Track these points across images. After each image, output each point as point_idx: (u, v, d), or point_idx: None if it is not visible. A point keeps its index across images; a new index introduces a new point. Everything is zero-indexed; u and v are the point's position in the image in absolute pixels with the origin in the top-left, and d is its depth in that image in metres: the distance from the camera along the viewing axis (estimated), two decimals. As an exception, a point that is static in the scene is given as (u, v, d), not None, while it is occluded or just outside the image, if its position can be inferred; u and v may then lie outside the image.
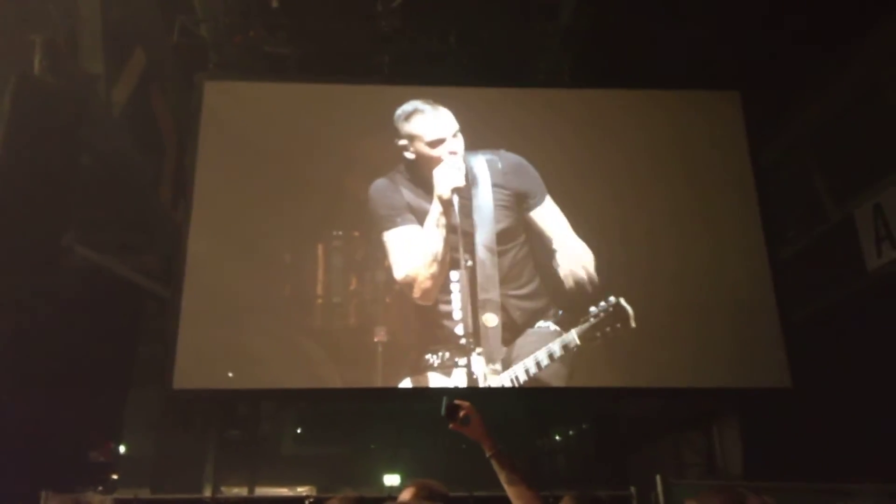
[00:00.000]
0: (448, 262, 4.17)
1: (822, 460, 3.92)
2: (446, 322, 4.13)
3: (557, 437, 6.46)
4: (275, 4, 4.44)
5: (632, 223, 4.34)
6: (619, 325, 4.03)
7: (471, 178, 4.26)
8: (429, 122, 4.28)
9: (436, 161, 4.22)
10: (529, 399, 4.66)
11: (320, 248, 4.37)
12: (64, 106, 4.52)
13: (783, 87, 4.60)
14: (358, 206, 4.37)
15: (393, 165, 4.37)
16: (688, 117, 4.57)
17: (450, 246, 4.17)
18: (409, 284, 4.18)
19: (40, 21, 4.53)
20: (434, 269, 4.17)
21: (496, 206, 4.25)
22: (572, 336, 4.06)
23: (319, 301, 4.29)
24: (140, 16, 4.71)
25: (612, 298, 4.07)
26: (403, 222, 4.23)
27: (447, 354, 4.12)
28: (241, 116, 4.56)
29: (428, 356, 4.13)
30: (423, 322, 4.16)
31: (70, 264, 4.69)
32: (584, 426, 6.17)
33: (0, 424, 3.77)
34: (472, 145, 4.34)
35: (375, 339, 4.12)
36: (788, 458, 4.19)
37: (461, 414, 2.20)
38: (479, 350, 4.09)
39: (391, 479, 5.79)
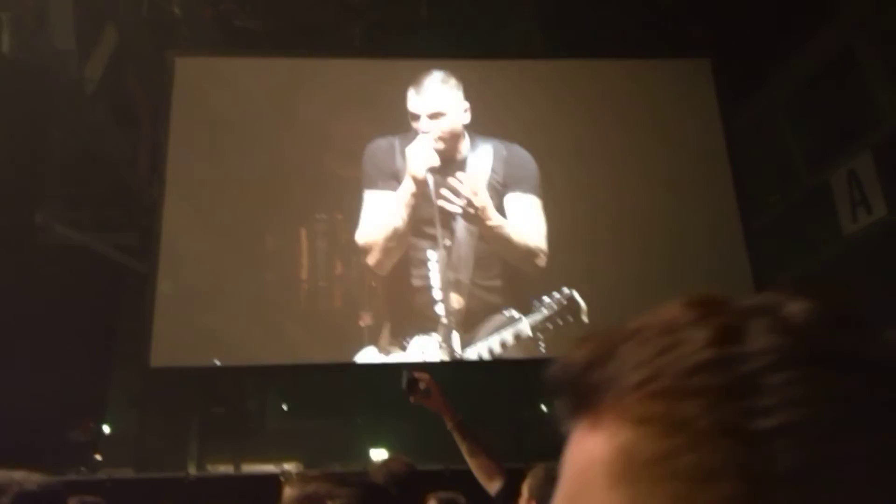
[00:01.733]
0: (408, 239, 4.14)
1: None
2: (426, 302, 4.12)
3: (544, 409, 6.49)
4: (245, -22, 4.39)
5: (602, 193, 4.34)
6: (570, 318, 4.02)
7: (471, 160, 4.22)
8: (414, 95, 4.24)
9: (415, 135, 4.19)
10: (509, 372, 4.69)
11: (300, 229, 4.35)
12: (35, 83, 4.50)
13: (754, 54, 4.58)
14: (340, 186, 4.36)
15: (370, 142, 4.35)
16: (659, 86, 4.56)
17: (420, 223, 4.14)
18: (365, 250, 4.18)
19: (7, -3, 4.48)
20: (392, 243, 4.15)
21: (487, 189, 4.20)
22: (524, 327, 4.06)
23: (304, 286, 4.30)
24: (110, -10, 4.65)
25: (565, 290, 4.06)
26: (384, 187, 4.21)
27: (422, 335, 4.11)
28: (214, 92, 4.54)
29: (412, 337, 4.11)
30: (407, 304, 4.16)
31: (47, 242, 4.70)
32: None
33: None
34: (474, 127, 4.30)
35: (361, 324, 4.12)
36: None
37: (421, 387, 2.22)
38: (454, 330, 4.08)
39: (377, 453, 5.84)
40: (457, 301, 4.09)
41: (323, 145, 4.41)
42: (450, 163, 4.20)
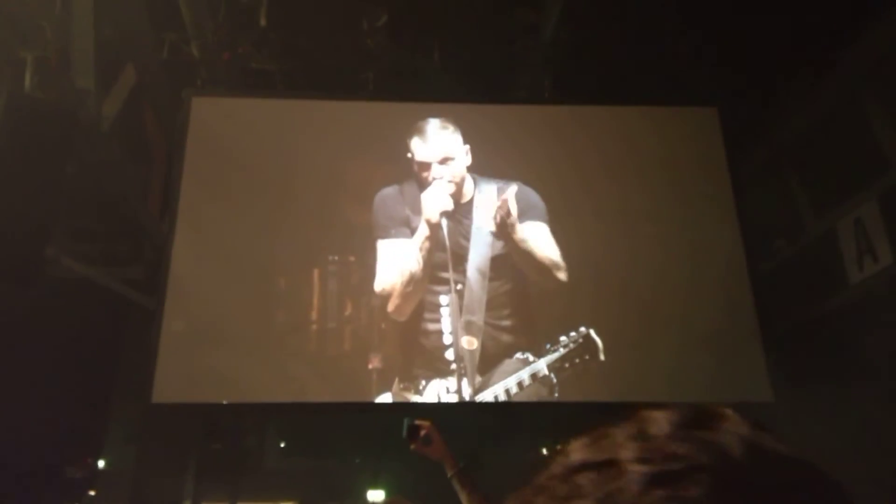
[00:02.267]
0: (426, 283, 4.16)
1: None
2: (437, 346, 4.10)
3: (545, 451, 6.41)
4: (263, 22, 4.53)
5: (610, 237, 4.36)
6: (587, 357, 4.01)
7: (476, 202, 4.28)
8: (421, 144, 4.33)
9: (426, 182, 4.26)
10: (511, 415, 4.64)
11: (312, 270, 4.36)
12: (54, 121, 4.60)
13: (761, 102, 4.67)
14: (351, 229, 4.39)
15: (383, 185, 4.42)
16: (666, 133, 4.62)
17: (433, 268, 4.17)
18: (384, 298, 4.18)
19: (33, 38, 4.63)
20: (409, 288, 4.16)
21: (495, 230, 4.24)
22: (541, 366, 4.04)
23: (314, 327, 4.27)
24: (131, 33, 4.79)
25: (582, 329, 4.06)
26: (397, 235, 4.25)
27: (437, 379, 4.08)
28: (228, 132, 4.62)
29: (420, 381, 4.09)
30: (416, 347, 4.14)
31: (55, 275, 4.72)
32: (570, 440, 6.11)
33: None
34: (478, 169, 4.37)
35: (370, 367, 4.10)
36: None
37: (422, 433, 2.17)
38: (465, 375, 4.06)
39: (375, 495, 5.73)
40: (469, 343, 4.08)
41: (335, 187, 4.47)
42: (457, 206, 4.26)
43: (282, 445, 5.91)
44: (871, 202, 4.33)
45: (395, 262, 4.20)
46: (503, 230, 4.23)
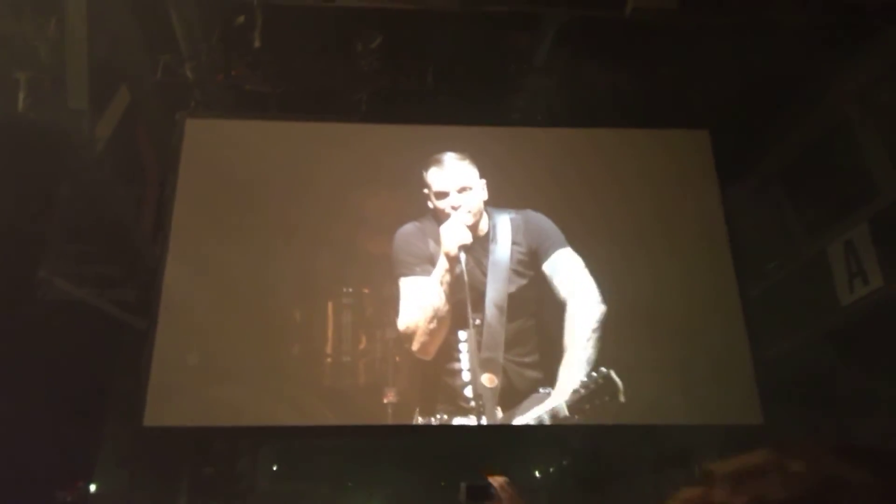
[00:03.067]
0: (450, 320, 4.13)
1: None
2: (455, 382, 4.07)
3: (537, 474, 6.40)
4: (257, 44, 4.53)
5: (601, 262, 4.35)
6: (607, 399, 3.98)
7: (492, 236, 4.26)
8: (437, 175, 4.33)
9: (443, 215, 4.25)
10: (508, 436, 4.63)
11: (309, 294, 4.33)
12: (47, 142, 4.60)
13: (752, 125, 4.71)
14: (343, 250, 4.36)
15: (378, 209, 4.41)
16: (658, 156, 4.66)
17: (455, 304, 4.13)
18: (408, 336, 4.14)
19: (27, 59, 4.62)
20: (433, 325, 4.12)
21: (512, 265, 4.22)
22: (561, 406, 4.01)
23: (312, 352, 4.21)
24: (125, 54, 4.80)
25: (602, 370, 4.02)
26: (421, 272, 4.20)
27: (458, 416, 4.04)
28: (223, 154, 4.63)
29: (437, 416, 4.05)
30: (433, 383, 4.11)
31: (47, 296, 4.70)
32: (564, 463, 6.12)
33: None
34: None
35: (385, 401, 4.06)
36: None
37: (492, 492, 1.80)
38: (486, 413, 4.02)
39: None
40: (489, 380, 4.04)
41: (327, 210, 4.46)
42: (475, 240, 4.23)
43: (274, 469, 5.88)
44: (862, 225, 4.37)
45: (418, 299, 4.16)
46: (525, 266, 4.23)
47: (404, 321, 4.15)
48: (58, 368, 4.52)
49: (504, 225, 4.29)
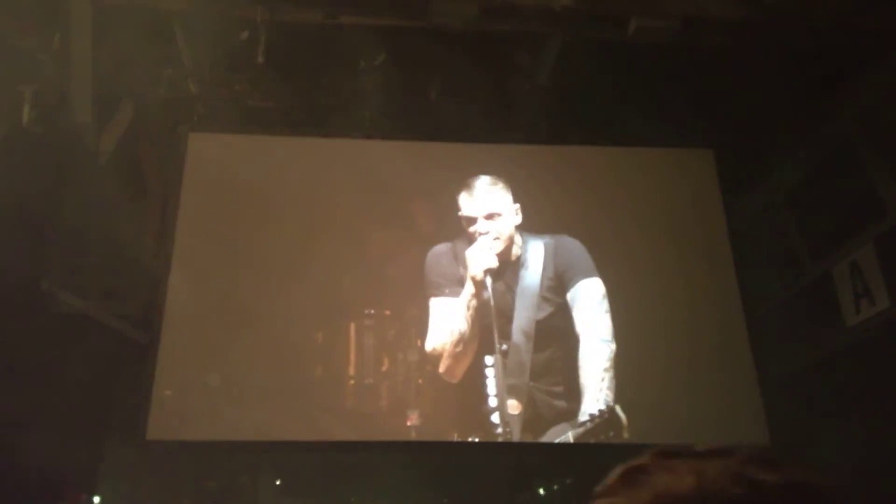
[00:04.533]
0: (477, 344, 4.11)
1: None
2: (482, 408, 4.05)
3: (542, 492, 6.38)
4: (260, 59, 4.53)
5: (605, 283, 4.32)
6: (612, 434, 3.95)
7: (523, 261, 4.24)
8: (466, 200, 4.32)
9: (473, 238, 4.24)
10: (512, 455, 4.62)
11: (310, 307, 4.31)
12: (50, 155, 4.61)
13: (757, 145, 4.68)
14: (342, 263, 4.36)
15: (382, 225, 4.40)
16: (662, 175, 4.64)
17: (482, 329, 4.11)
18: (435, 357, 4.14)
19: (31, 73, 4.64)
20: (459, 348, 4.11)
21: (542, 291, 4.20)
22: (568, 438, 4.00)
23: (351, 381, 4.19)
24: (130, 69, 4.80)
25: (609, 404, 4.01)
26: (451, 294, 4.20)
27: (478, 441, 4.04)
28: (225, 168, 4.64)
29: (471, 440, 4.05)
30: (457, 406, 4.11)
31: (50, 308, 4.72)
32: (567, 482, 6.10)
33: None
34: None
35: (408, 423, 4.07)
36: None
37: None
38: (512, 439, 4.00)
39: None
40: (513, 407, 4.02)
41: (329, 225, 4.47)
42: (505, 265, 4.22)
43: (277, 483, 5.89)
44: (868, 246, 4.33)
45: (446, 322, 4.16)
46: (553, 292, 4.20)
47: (432, 342, 4.15)
48: (61, 381, 4.53)
49: (537, 251, 4.27)
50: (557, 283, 4.23)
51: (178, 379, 4.19)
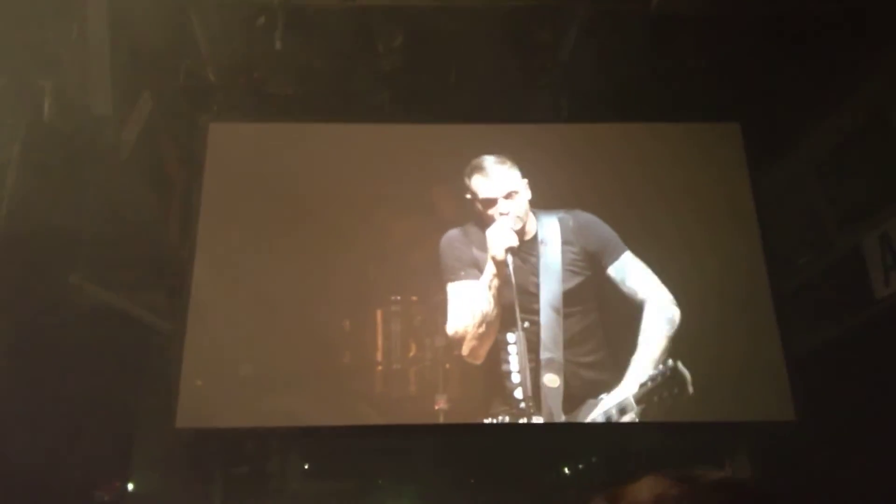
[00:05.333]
0: (498, 324, 4.13)
1: (832, 495, 3.86)
2: (506, 384, 4.08)
3: (567, 471, 6.39)
4: (278, 46, 4.51)
5: (638, 258, 4.30)
6: (676, 391, 3.98)
7: (541, 237, 4.25)
8: (483, 181, 4.32)
9: (490, 220, 4.24)
10: (538, 435, 4.63)
11: (335, 295, 4.33)
12: (72, 148, 4.63)
13: (784, 117, 4.60)
14: (368, 250, 4.37)
15: (405, 211, 4.40)
16: (687, 150, 4.59)
17: (503, 307, 4.13)
18: (458, 341, 4.16)
19: (50, 66, 4.65)
20: (482, 329, 4.13)
21: (565, 265, 4.21)
22: (630, 401, 4.02)
23: (379, 367, 4.22)
24: (148, 59, 4.80)
25: (670, 362, 4.03)
26: (467, 276, 4.22)
27: (507, 419, 4.07)
28: (246, 157, 4.66)
29: (487, 421, 4.07)
30: (484, 387, 4.13)
31: (79, 302, 4.77)
32: (593, 460, 6.10)
33: (6, 464, 3.81)
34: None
35: (436, 408, 4.10)
36: (800, 492, 4.12)
37: None
38: (538, 414, 4.02)
39: (399, 516, 5.74)
40: (551, 381, 4.05)
41: (353, 211, 4.46)
42: (522, 243, 4.24)
43: (305, 468, 5.94)
44: (898, 216, 4.26)
45: (467, 304, 4.17)
46: (579, 266, 4.19)
47: (453, 326, 4.16)
48: (93, 372, 4.59)
49: (552, 226, 4.27)
50: (585, 259, 4.24)
51: (205, 367, 4.23)
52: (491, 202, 4.26)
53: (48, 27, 4.57)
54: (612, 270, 4.21)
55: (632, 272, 4.21)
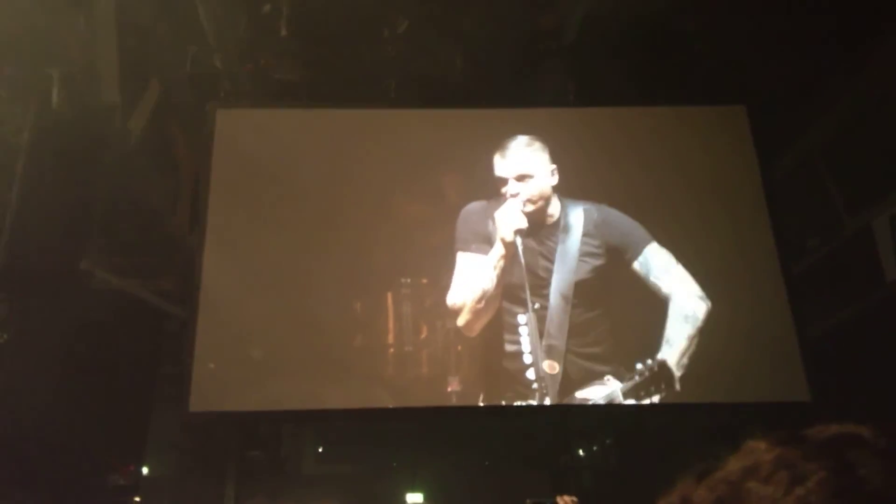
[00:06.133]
0: (498, 302, 4.13)
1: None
2: (517, 366, 4.08)
3: (581, 453, 6.43)
4: (284, 32, 4.50)
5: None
6: (663, 387, 3.98)
7: (563, 224, 4.24)
8: (500, 160, 4.31)
9: (504, 200, 4.24)
10: (549, 416, 4.65)
11: (345, 279, 4.34)
12: (81, 136, 4.66)
13: (791, 99, 4.55)
14: (377, 235, 4.37)
15: (420, 197, 4.42)
16: (694, 134, 4.55)
17: (510, 287, 4.13)
18: (455, 311, 4.17)
19: (59, 55, 4.67)
20: (480, 305, 4.14)
21: (581, 255, 4.20)
22: (617, 394, 4.02)
23: (391, 350, 4.21)
24: (155, 47, 4.81)
25: (659, 357, 4.03)
26: (477, 250, 4.22)
27: (519, 401, 4.06)
28: (254, 143, 4.65)
29: (501, 402, 4.08)
30: (495, 369, 4.13)
31: (90, 287, 4.82)
32: (607, 442, 6.13)
33: (21, 448, 3.88)
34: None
35: (449, 390, 4.10)
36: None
37: None
38: (549, 396, 4.04)
39: (413, 498, 5.81)
40: (550, 367, 4.05)
41: (370, 200, 4.46)
42: (540, 227, 4.23)
43: (319, 451, 6.01)
44: (909, 198, 4.23)
45: (469, 277, 4.18)
46: (594, 258, 4.20)
47: (453, 297, 4.18)
48: (107, 357, 4.65)
49: (577, 216, 4.26)
50: (604, 251, 4.22)
51: (217, 351, 4.25)
52: (502, 182, 4.26)
53: (55, 16, 4.58)
54: (637, 265, 4.19)
55: (657, 265, 4.19)
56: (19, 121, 4.63)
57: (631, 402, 4.00)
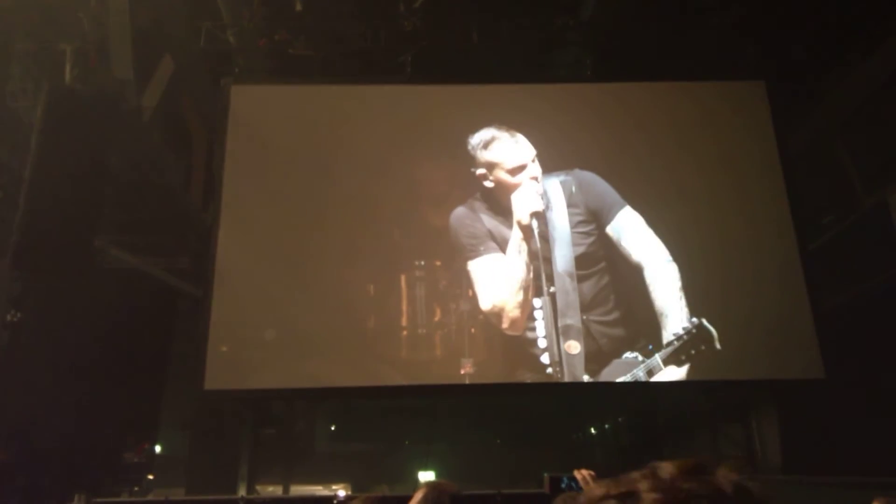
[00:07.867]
0: (531, 289, 4.13)
1: (859, 451, 3.88)
2: (532, 350, 4.08)
3: (593, 431, 6.44)
4: (298, 7, 4.48)
5: (659, 217, 4.29)
6: (703, 347, 3.99)
7: (546, 202, 4.23)
8: (509, 149, 4.29)
9: (514, 187, 4.21)
10: (562, 395, 4.64)
11: (360, 257, 4.32)
12: (94, 113, 4.63)
13: (808, 74, 4.53)
14: (393, 212, 4.36)
15: (437, 177, 4.39)
16: (713, 108, 4.53)
17: (532, 272, 4.13)
18: (496, 315, 4.15)
19: (71, 30, 4.63)
20: (520, 297, 4.13)
21: (573, 228, 4.21)
22: (656, 361, 4.03)
23: (404, 331, 4.21)
24: (168, 22, 4.78)
25: (694, 319, 4.04)
26: (487, 251, 4.21)
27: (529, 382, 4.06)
28: (268, 119, 4.63)
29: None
30: (509, 352, 4.13)
31: (104, 265, 4.80)
32: (619, 419, 6.14)
33: (37, 427, 3.87)
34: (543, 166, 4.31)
35: (462, 372, 4.10)
36: (827, 449, 4.14)
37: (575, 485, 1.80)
38: (565, 379, 4.03)
39: (425, 476, 5.82)
40: (570, 347, 4.04)
41: (374, 173, 4.45)
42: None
43: (332, 429, 6.01)
44: (926, 174, 4.22)
45: (498, 276, 4.15)
46: (585, 226, 4.20)
47: (489, 300, 4.14)
48: (121, 334, 4.63)
49: (555, 189, 4.24)
50: (590, 218, 4.23)
51: (232, 330, 4.24)
52: (520, 168, 4.22)
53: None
54: (610, 229, 4.20)
55: (627, 231, 4.19)
56: (32, 97, 4.61)
57: (672, 367, 3.99)
